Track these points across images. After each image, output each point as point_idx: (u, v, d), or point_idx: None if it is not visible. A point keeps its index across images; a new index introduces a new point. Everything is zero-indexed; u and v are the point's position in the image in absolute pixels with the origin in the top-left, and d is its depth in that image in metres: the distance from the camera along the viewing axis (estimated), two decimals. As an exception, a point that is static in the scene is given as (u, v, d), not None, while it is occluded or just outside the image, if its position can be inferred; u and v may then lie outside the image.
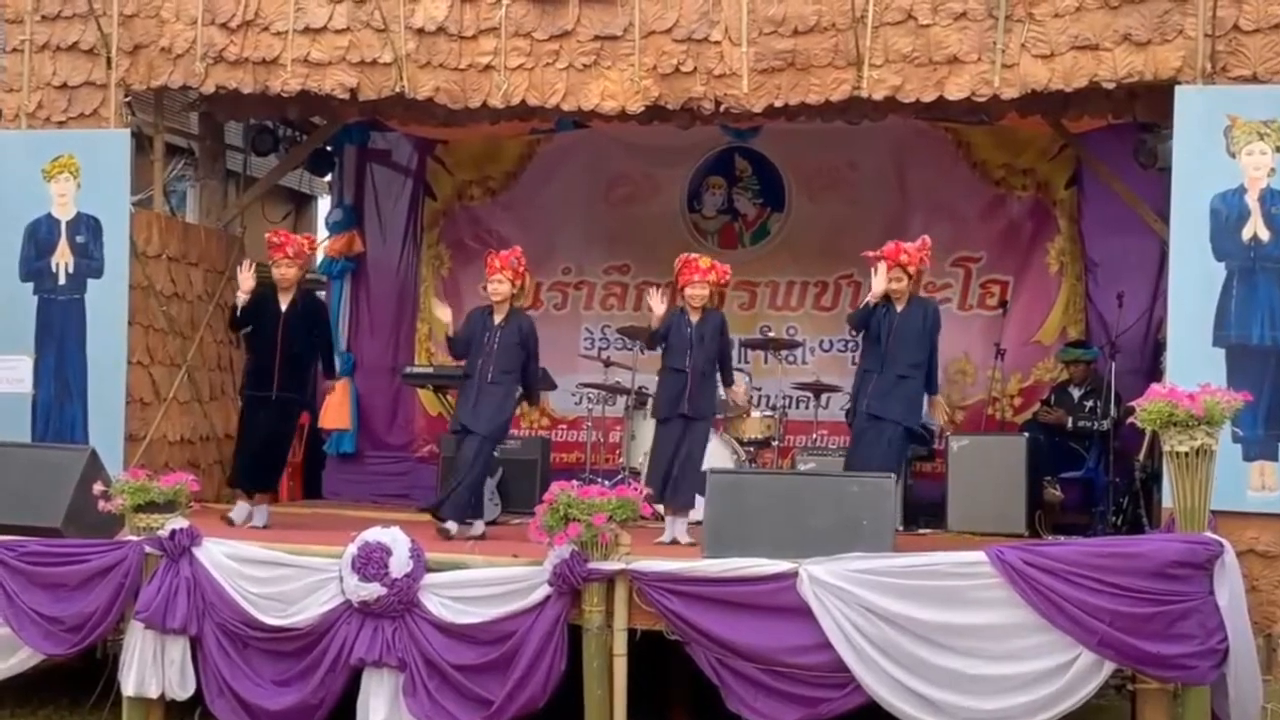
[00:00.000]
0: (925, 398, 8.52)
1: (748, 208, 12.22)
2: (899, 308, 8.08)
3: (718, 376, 8.74)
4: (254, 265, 8.93)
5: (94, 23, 9.34)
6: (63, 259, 9.38)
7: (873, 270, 8.27)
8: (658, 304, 8.52)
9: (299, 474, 12.06)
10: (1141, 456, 9.15)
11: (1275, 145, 7.74)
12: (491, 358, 8.55)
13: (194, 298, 10.31)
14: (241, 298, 8.81)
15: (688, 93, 8.75)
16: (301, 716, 7.08)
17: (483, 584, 6.95)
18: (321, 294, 12.23)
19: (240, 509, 8.95)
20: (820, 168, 11.96)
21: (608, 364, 11.07)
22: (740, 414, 10.19)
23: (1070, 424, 10.46)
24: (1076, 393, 10.69)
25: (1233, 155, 7.81)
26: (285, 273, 8.85)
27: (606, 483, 8.94)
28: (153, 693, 7.24)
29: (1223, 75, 7.90)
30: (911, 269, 8.10)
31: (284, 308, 8.81)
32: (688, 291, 8.46)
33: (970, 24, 8.33)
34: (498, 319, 8.62)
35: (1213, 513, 6.71)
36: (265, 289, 8.91)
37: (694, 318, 8.44)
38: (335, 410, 12.21)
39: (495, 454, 9.66)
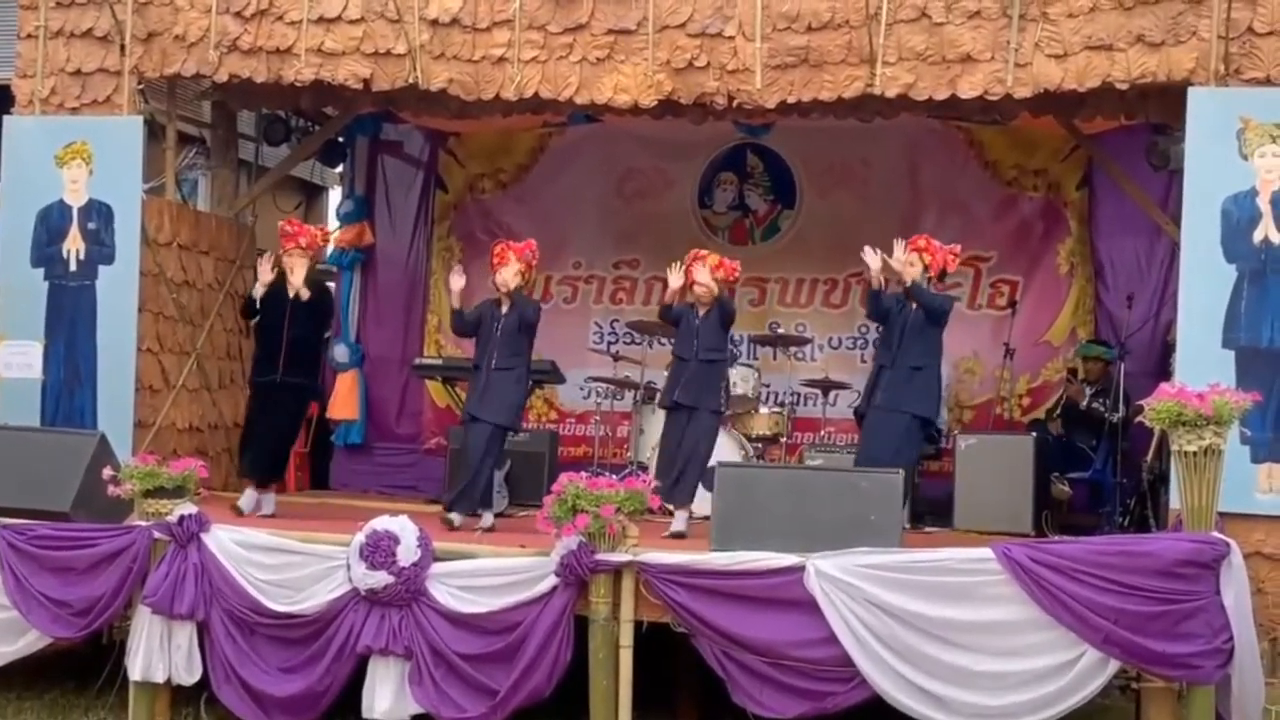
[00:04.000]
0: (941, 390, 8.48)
1: (759, 204, 12.22)
2: (913, 304, 8.03)
3: (731, 370, 8.72)
4: (276, 260, 8.89)
5: (108, 9, 9.36)
6: (74, 245, 9.40)
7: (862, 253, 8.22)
8: (675, 278, 8.52)
9: (307, 464, 12.07)
10: (1149, 457, 9.14)
11: (1288, 148, 7.75)
12: (496, 345, 8.58)
13: (204, 286, 10.32)
14: (259, 289, 8.82)
15: (701, 88, 8.75)
16: (307, 703, 7.10)
17: (490, 574, 6.97)
18: (331, 284, 12.21)
19: (248, 497, 8.89)
20: (832, 165, 11.96)
21: (616, 358, 11.07)
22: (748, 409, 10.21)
23: (1085, 404, 10.49)
24: (1089, 390, 10.70)
25: (1245, 157, 7.81)
26: (296, 263, 8.78)
27: (615, 476, 8.95)
28: (159, 677, 7.27)
29: (1236, 77, 7.90)
30: (929, 259, 8.04)
31: (291, 295, 8.76)
32: (695, 289, 8.46)
33: (984, 23, 8.33)
34: (503, 308, 8.64)
35: (1220, 514, 6.70)
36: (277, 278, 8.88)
37: (700, 311, 8.45)
38: (343, 401, 12.26)
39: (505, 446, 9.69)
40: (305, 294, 8.69)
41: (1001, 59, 8.29)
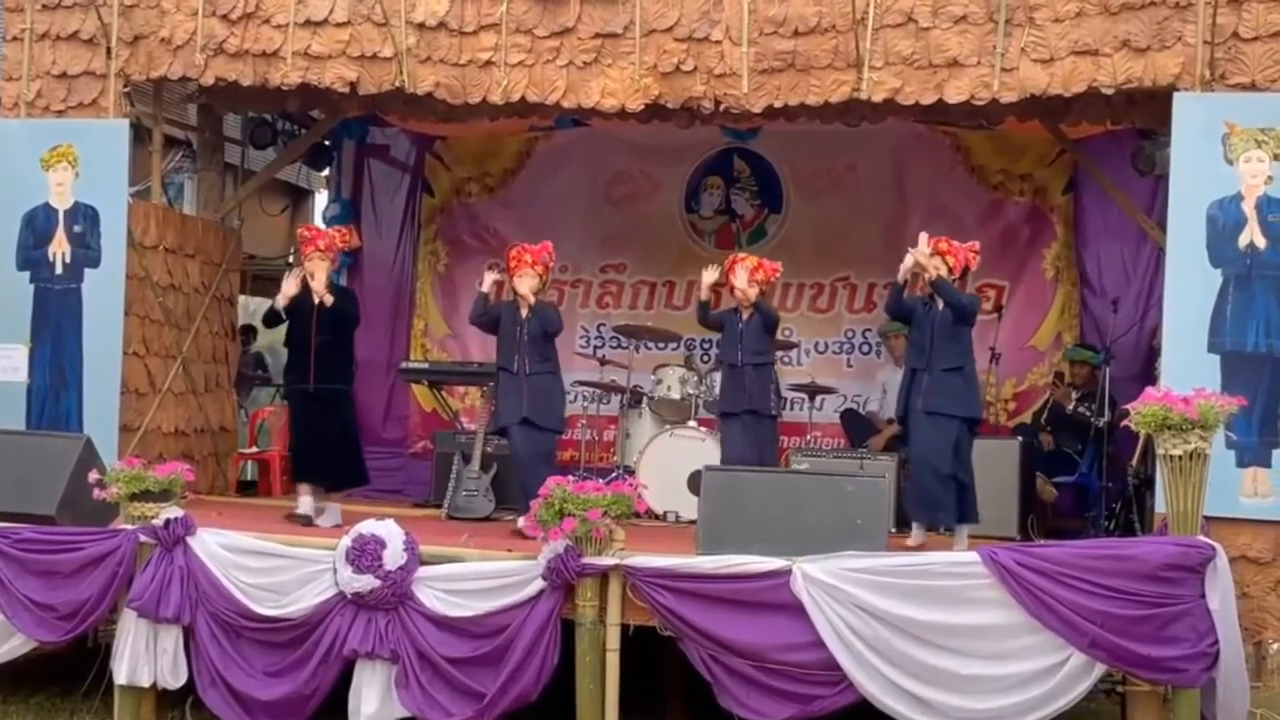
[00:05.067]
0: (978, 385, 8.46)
1: (745, 208, 12.25)
2: (939, 305, 8.01)
3: (773, 371, 8.89)
4: (301, 276, 8.72)
5: (94, 12, 9.34)
6: (59, 248, 9.37)
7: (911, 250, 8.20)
8: (709, 274, 8.69)
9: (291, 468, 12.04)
10: (1134, 462, 9.16)
11: (1273, 153, 7.75)
12: (524, 350, 8.57)
13: (190, 289, 10.29)
14: (282, 300, 8.69)
15: (688, 92, 8.75)
16: (293, 707, 7.08)
17: (476, 577, 6.95)
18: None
19: (304, 502, 8.79)
20: (819, 170, 11.99)
21: (603, 362, 11.08)
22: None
23: (1071, 407, 10.53)
24: (1075, 394, 10.73)
25: (1230, 162, 7.82)
26: (317, 267, 8.67)
27: (601, 480, 8.95)
28: (145, 681, 7.25)
29: (1221, 82, 7.91)
30: (952, 260, 8.03)
31: (317, 301, 8.66)
32: (736, 292, 8.49)
33: (970, 28, 8.34)
34: (524, 313, 8.61)
35: (1205, 518, 6.72)
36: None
37: (744, 314, 8.48)
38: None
39: (490, 450, 9.72)
40: (329, 300, 8.63)
41: (988, 64, 8.31)
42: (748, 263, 8.56)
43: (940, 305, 7.95)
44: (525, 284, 8.57)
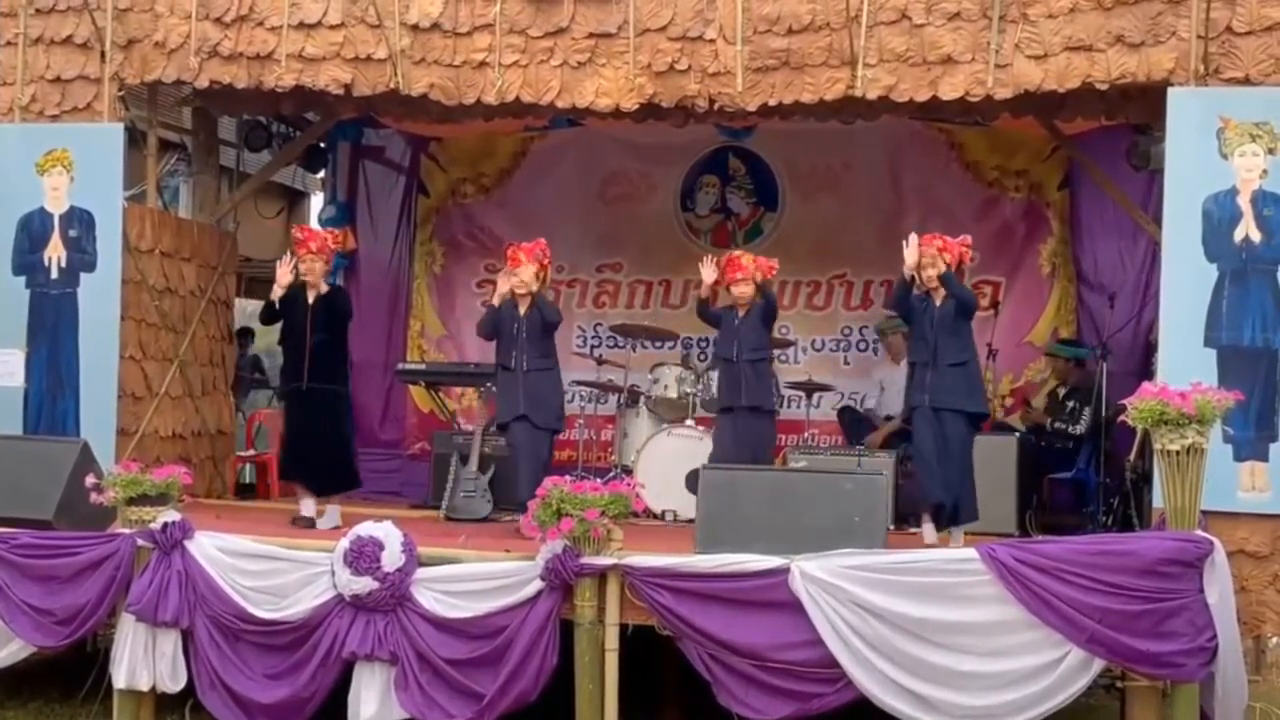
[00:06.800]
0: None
1: (741, 207, 12.25)
2: (937, 300, 8.01)
3: (772, 368, 8.89)
4: (295, 260, 8.72)
5: (88, 16, 9.33)
6: (55, 253, 9.36)
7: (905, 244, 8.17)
8: (709, 272, 8.58)
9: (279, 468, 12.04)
10: (1132, 457, 9.14)
11: (1267, 147, 7.74)
12: (522, 346, 8.58)
13: (186, 293, 10.28)
14: (277, 291, 8.70)
15: (682, 91, 8.75)
16: (293, 709, 7.08)
17: (475, 578, 6.95)
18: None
19: (306, 504, 8.78)
20: (814, 167, 11.99)
21: (600, 362, 11.08)
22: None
23: (1049, 425, 10.54)
24: (1061, 391, 10.74)
25: (1225, 157, 7.81)
26: (311, 267, 8.70)
27: (599, 480, 8.94)
28: (144, 685, 7.25)
29: (1215, 77, 7.90)
30: (948, 256, 8.04)
31: (311, 301, 8.69)
32: (734, 290, 8.49)
33: (964, 24, 8.33)
34: (522, 310, 8.62)
35: (1203, 513, 6.73)
36: (295, 285, 8.79)
37: (741, 312, 8.49)
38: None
39: (488, 450, 9.72)
40: (325, 287, 8.73)
41: (982, 60, 8.30)
42: (743, 259, 8.51)
43: (939, 301, 7.95)
44: (522, 277, 8.58)
